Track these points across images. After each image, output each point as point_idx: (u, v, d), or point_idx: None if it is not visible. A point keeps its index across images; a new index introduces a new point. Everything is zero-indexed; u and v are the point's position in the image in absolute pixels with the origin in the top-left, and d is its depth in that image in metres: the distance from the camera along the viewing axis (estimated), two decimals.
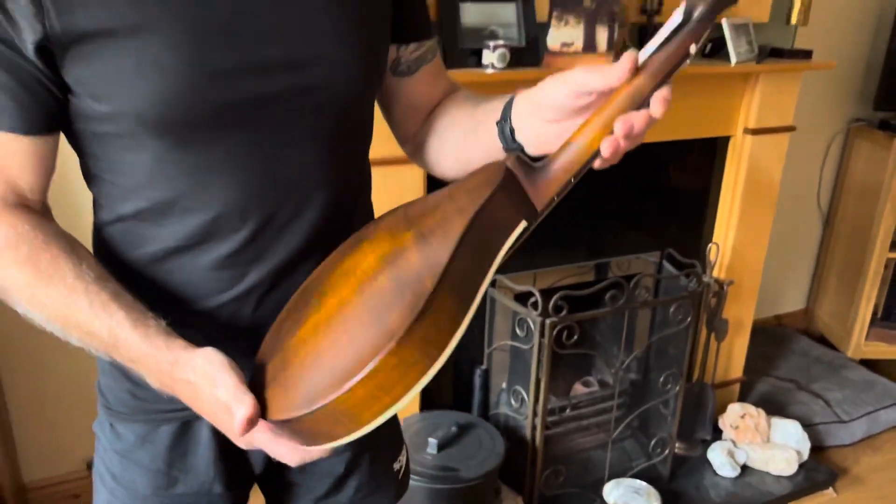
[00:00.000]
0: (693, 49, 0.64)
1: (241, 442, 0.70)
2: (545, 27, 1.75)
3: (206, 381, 0.67)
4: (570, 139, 0.68)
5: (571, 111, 0.68)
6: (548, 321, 1.85)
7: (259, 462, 0.93)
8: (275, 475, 0.97)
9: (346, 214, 0.84)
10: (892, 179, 2.70)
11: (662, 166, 2.20)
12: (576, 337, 1.89)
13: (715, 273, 2.28)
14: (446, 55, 1.70)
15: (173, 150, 0.70)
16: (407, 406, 1.79)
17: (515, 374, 2.08)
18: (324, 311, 0.69)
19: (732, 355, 2.45)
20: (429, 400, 2.05)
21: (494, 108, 0.77)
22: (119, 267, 0.76)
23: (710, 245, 2.20)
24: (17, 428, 1.92)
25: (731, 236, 2.27)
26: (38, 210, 0.74)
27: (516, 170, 0.70)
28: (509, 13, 1.77)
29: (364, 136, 0.87)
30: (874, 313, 2.91)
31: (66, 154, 0.75)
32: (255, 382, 0.69)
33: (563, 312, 1.86)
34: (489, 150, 0.77)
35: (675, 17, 0.64)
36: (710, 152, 2.23)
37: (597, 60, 1.78)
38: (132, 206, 0.75)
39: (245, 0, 0.68)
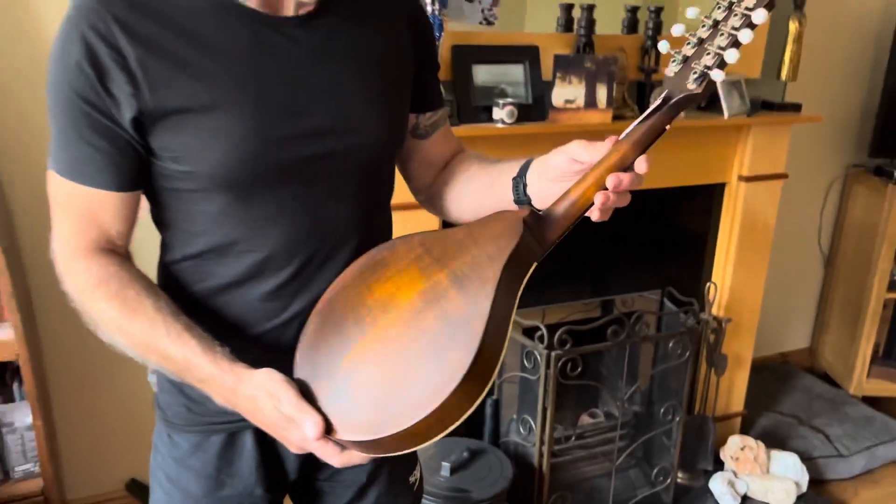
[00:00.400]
0: (668, 126, 0.82)
1: (295, 448, 0.84)
2: (550, 86, 1.93)
3: (266, 396, 0.82)
4: (568, 192, 0.85)
5: (569, 174, 0.85)
6: (553, 354, 2.00)
7: (293, 470, 1.07)
8: (306, 482, 1.12)
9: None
10: (887, 223, 2.82)
11: (664, 210, 2.35)
12: (580, 369, 2.03)
13: (714, 311, 2.41)
14: (460, 111, 1.89)
15: (235, 202, 0.87)
16: None
17: (524, 404, 2.22)
18: (374, 343, 0.82)
19: (733, 390, 2.56)
20: None
21: (510, 168, 0.95)
22: (184, 299, 0.92)
23: (708, 284, 2.34)
24: (63, 446, 2.09)
25: (728, 276, 2.41)
26: (122, 254, 0.91)
27: (529, 219, 0.86)
28: (517, 73, 1.95)
29: (388, 188, 1.04)
30: (875, 352, 3.01)
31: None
32: (307, 396, 0.83)
33: (568, 346, 2.01)
34: (501, 200, 0.95)
35: (657, 103, 0.81)
36: (708, 198, 2.39)
37: (597, 116, 1.95)
38: (197, 247, 0.92)
39: (295, 81, 0.87)
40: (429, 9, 1.76)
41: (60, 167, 0.85)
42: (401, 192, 1.09)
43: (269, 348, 0.95)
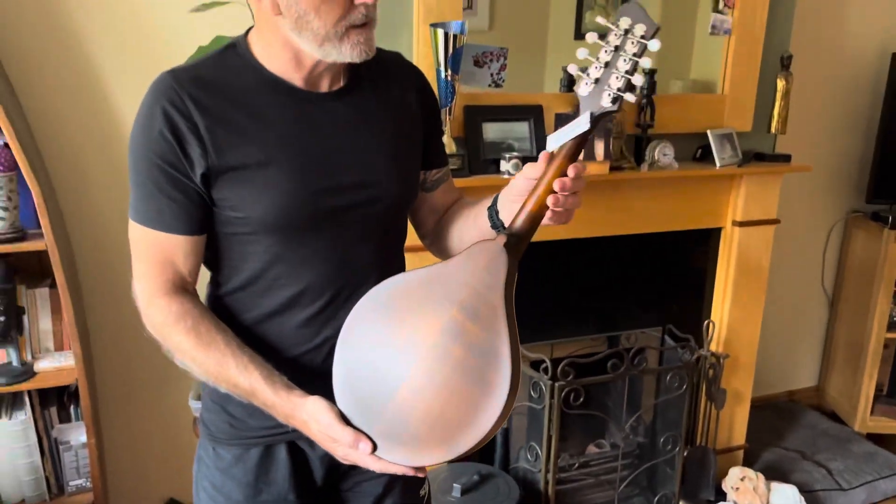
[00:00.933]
0: (589, 136, 1.00)
1: (340, 459, 1.03)
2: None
3: (315, 422, 1.02)
4: (524, 205, 1.02)
5: (525, 192, 1.04)
6: (556, 384, 2.17)
7: (320, 478, 1.24)
8: (331, 490, 1.27)
9: None
10: (884, 265, 2.96)
11: (666, 253, 2.53)
12: (582, 399, 2.20)
13: (713, 347, 2.56)
14: (471, 164, 2.10)
15: (279, 244, 1.08)
16: None
17: (532, 432, 2.38)
18: (415, 378, 0.98)
19: (734, 424, 2.70)
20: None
21: (486, 202, 1.15)
22: (233, 326, 1.11)
23: (706, 322, 2.50)
24: (109, 464, 2.30)
25: (726, 315, 2.56)
26: (192, 291, 1.11)
27: (507, 243, 1.03)
28: (523, 129, 2.17)
29: (402, 233, 1.24)
30: (879, 390, 3.12)
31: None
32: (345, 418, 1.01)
33: (570, 377, 2.18)
34: (482, 230, 1.14)
35: (583, 119, 0.99)
36: (706, 241, 2.56)
37: (595, 167, 2.15)
38: (245, 282, 1.12)
39: (329, 144, 1.08)
40: (442, 75, 1.99)
41: (142, 218, 1.06)
42: (412, 236, 1.30)
43: (304, 368, 1.13)
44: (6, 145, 1.76)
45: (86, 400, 1.96)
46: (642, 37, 0.98)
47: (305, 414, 1.02)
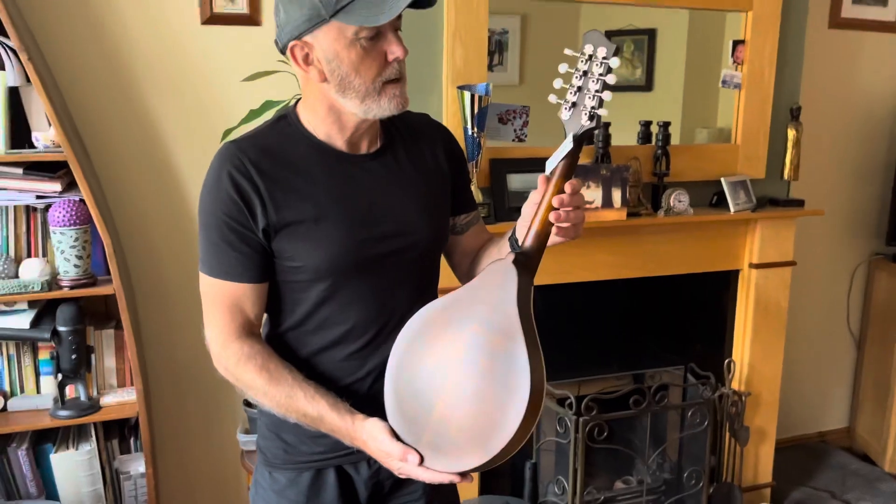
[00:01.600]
0: (579, 154, 1.13)
1: (396, 472, 1.16)
2: None
3: (371, 439, 1.15)
4: (531, 225, 1.16)
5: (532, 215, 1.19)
6: (581, 419, 2.28)
7: (364, 499, 1.36)
8: None
9: None
10: None
11: (687, 294, 2.65)
12: (605, 434, 2.31)
13: (735, 385, 2.65)
14: (497, 212, 2.27)
15: (329, 288, 1.23)
16: (468, 491, 2.23)
17: (559, 467, 2.48)
18: (452, 397, 1.10)
19: (759, 462, 2.76)
20: (488, 488, 2.47)
21: (507, 234, 1.29)
22: (290, 360, 1.26)
23: (727, 360, 2.60)
24: (163, 494, 2.46)
25: (747, 354, 2.66)
26: (258, 334, 1.27)
27: (517, 259, 1.16)
28: None
29: (436, 275, 1.39)
30: None
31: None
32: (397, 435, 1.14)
33: (594, 412, 2.29)
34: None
35: (567, 141, 1.13)
36: (725, 283, 2.68)
37: (613, 214, 2.31)
38: (299, 322, 1.27)
39: (371, 199, 1.24)
40: (469, 132, 2.18)
41: (213, 271, 1.22)
42: (445, 278, 1.45)
43: (352, 396, 1.26)
44: (82, 201, 1.99)
45: (146, 433, 2.14)
46: (604, 57, 1.11)
47: (365, 434, 1.16)
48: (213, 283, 1.22)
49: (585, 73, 1.12)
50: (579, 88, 1.13)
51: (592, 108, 1.12)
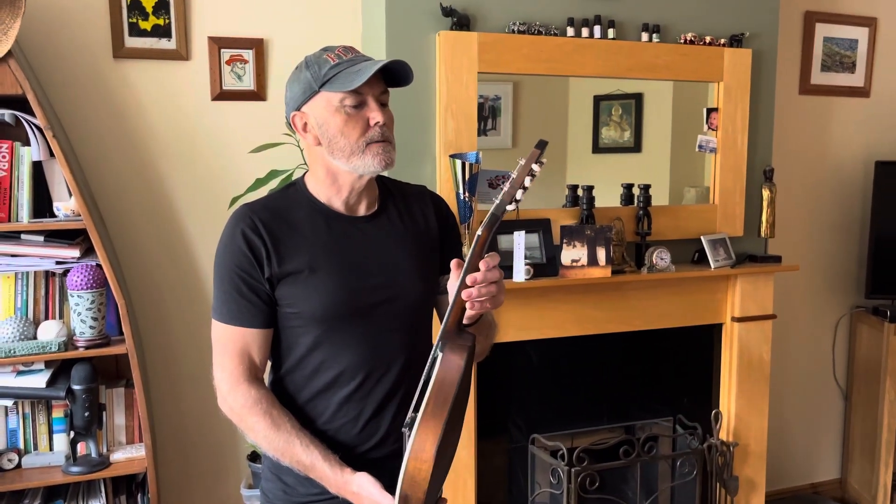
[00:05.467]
0: (489, 236, 1.25)
1: None
2: (560, 248, 2.44)
3: (363, 490, 1.28)
4: (448, 309, 1.26)
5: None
6: (573, 470, 2.37)
7: None
8: None
9: (416, 372, 1.47)
10: (888, 358, 3.13)
11: (673, 348, 2.76)
12: (597, 484, 2.39)
13: (722, 436, 2.74)
14: None
15: (323, 334, 1.37)
16: None
17: None
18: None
19: None
20: None
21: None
22: (291, 404, 1.39)
23: (714, 412, 2.69)
24: None
25: (733, 405, 2.75)
26: (262, 380, 1.39)
27: (439, 338, 1.27)
28: (534, 240, 2.48)
29: (426, 326, 1.51)
30: None
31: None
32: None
33: (586, 463, 2.38)
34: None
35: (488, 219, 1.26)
36: (709, 336, 2.79)
37: (598, 271, 2.44)
38: (294, 365, 1.40)
39: (364, 254, 1.39)
40: (461, 196, 2.34)
41: (225, 317, 1.36)
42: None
43: (343, 437, 1.39)
44: (99, 266, 2.12)
45: (153, 488, 2.22)
46: (536, 163, 1.27)
47: (355, 486, 1.29)
48: (225, 329, 1.36)
49: (532, 174, 1.28)
50: (512, 181, 1.28)
51: (513, 197, 1.28)
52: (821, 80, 3.25)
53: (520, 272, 1.31)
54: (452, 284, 1.27)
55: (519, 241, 1.31)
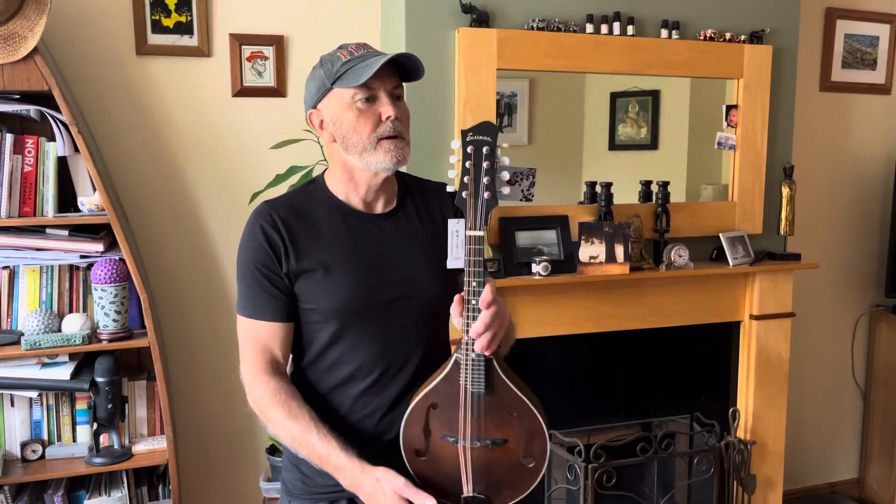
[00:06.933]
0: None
1: None
2: (578, 245, 2.45)
3: (384, 482, 1.27)
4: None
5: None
6: (590, 467, 2.37)
7: None
8: None
9: (432, 368, 1.49)
10: None
11: (691, 345, 2.75)
12: (614, 480, 2.39)
13: (740, 434, 2.73)
14: (506, 267, 2.41)
15: (341, 329, 1.38)
16: None
17: None
18: None
19: None
20: None
21: None
22: (311, 397, 1.40)
23: (731, 409, 2.69)
24: None
25: (751, 403, 2.74)
26: (284, 373, 1.41)
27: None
28: (552, 236, 2.48)
29: (443, 324, 1.52)
30: None
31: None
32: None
33: (603, 459, 2.38)
34: None
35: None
36: (728, 334, 2.78)
37: (616, 268, 2.44)
38: (312, 359, 1.42)
39: (381, 251, 1.40)
40: None
41: (248, 311, 1.38)
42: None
43: (360, 432, 1.41)
44: (122, 260, 2.15)
45: (175, 480, 2.25)
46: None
47: (374, 479, 1.28)
48: (247, 323, 1.39)
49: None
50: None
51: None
52: (841, 76, 3.23)
53: (457, 260, 1.33)
54: (456, 320, 1.31)
55: (457, 229, 1.32)
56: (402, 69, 1.37)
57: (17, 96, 2.11)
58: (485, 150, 1.24)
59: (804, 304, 3.09)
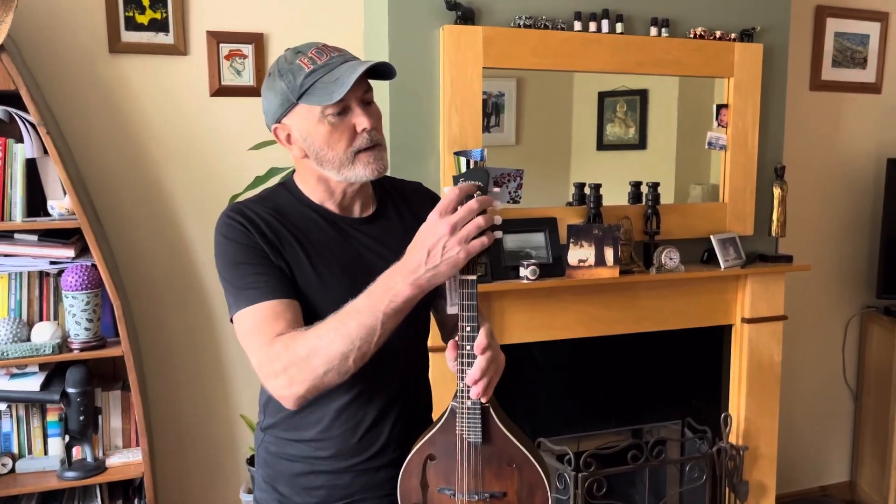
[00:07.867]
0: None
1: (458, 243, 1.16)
2: (566, 248, 2.39)
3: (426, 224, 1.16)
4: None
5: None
6: (580, 475, 2.31)
7: None
8: None
9: (416, 377, 1.43)
10: None
11: (682, 350, 2.69)
12: (604, 490, 2.33)
13: (732, 439, 2.68)
14: (493, 271, 2.35)
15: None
16: None
17: None
18: None
19: None
20: None
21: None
22: (283, 414, 1.34)
23: (724, 415, 2.64)
24: None
25: (743, 408, 2.69)
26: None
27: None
28: (540, 239, 2.42)
29: (422, 329, 1.46)
30: None
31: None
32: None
33: (592, 468, 2.32)
34: None
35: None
36: (719, 338, 2.73)
37: (606, 271, 2.38)
38: None
39: (360, 254, 1.32)
40: None
41: (243, 302, 1.24)
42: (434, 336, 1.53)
43: (343, 444, 1.34)
44: (94, 266, 2.07)
45: (150, 493, 2.17)
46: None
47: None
48: (246, 314, 1.25)
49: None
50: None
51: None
52: (832, 75, 3.19)
53: (454, 307, 1.29)
54: (451, 364, 1.25)
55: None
56: (372, 69, 1.28)
57: None
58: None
59: (794, 306, 3.05)
